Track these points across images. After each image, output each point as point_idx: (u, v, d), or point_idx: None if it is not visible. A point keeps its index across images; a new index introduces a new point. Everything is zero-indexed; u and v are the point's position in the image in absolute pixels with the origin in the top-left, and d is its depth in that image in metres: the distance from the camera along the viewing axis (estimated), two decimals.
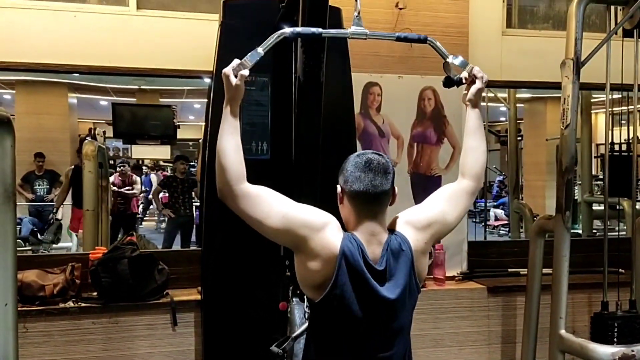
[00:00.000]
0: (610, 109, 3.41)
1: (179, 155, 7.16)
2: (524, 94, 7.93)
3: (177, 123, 7.73)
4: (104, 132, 6.66)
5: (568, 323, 3.17)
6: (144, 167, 12.23)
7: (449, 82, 1.73)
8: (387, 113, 3.59)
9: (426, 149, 3.66)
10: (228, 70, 1.49)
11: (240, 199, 1.44)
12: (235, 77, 1.48)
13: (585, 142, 5.16)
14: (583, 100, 4.94)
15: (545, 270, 3.34)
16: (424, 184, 3.62)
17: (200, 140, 5.23)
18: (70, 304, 2.95)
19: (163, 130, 7.11)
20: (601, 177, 5.80)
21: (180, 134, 8.14)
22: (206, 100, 3.37)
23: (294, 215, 1.45)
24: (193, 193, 6.45)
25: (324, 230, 1.43)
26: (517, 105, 6.16)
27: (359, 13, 1.73)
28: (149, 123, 7.03)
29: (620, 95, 3.86)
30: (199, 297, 3.08)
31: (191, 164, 8.04)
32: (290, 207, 1.47)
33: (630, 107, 3.50)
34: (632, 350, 2.87)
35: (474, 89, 1.67)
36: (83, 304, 2.96)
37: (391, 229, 1.53)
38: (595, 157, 6.24)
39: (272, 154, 2.98)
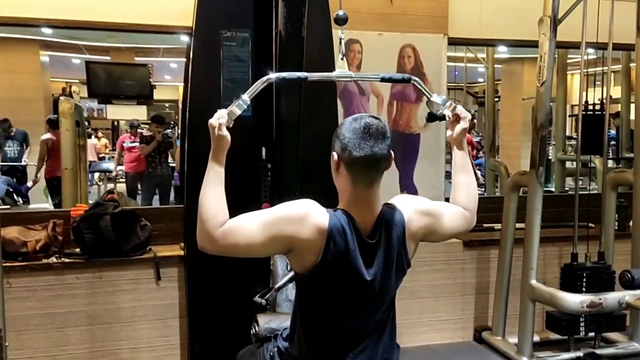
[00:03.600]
0: (585, 69, 3.47)
1: (155, 115, 7.07)
2: (502, 55, 7.96)
3: (154, 83, 7.60)
4: (79, 91, 6.52)
5: (539, 275, 3.31)
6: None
7: (432, 117, 1.72)
8: (367, 70, 3.60)
9: (405, 107, 3.70)
10: (214, 121, 1.43)
11: (220, 240, 1.37)
12: (221, 128, 1.43)
13: (560, 102, 5.25)
14: (559, 60, 5.01)
15: (518, 225, 3.46)
16: (403, 142, 3.67)
17: (180, 101, 5.17)
18: (54, 259, 2.97)
19: (139, 90, 6.98)
20: (574, 137, 5.92)
21: (157, 95, 8.01)
22: (184, 59, 3.32)
23: (273, 220, 1.39)
24: (169, 154, 6.42)
25: (308, 218, 1.39)
26: (495, 65, 6.21)
27: (343, 56, 1.72)
28: (125, 82, 6.89)
29: (595, 56, 3.93)
30: (181, 252, 3.12)
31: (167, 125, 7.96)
32: (266, 215, 1.41)
33: (604, 67, 3.57)
34: (600, 299, 3.03)
35: (458, 128, 1.62)
36: (66, 260, 2.98)
37: (388, 204, 1.51)
38: (569, 116, 6.35)
39: (253, 110, 2.98)
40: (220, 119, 1.44)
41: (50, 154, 5.90)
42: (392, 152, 1.44)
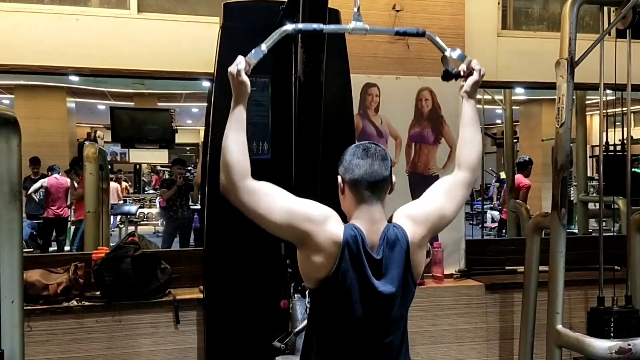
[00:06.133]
0: (604, 110, 3.46)
1: (176, 159, 7.20)
2: (519, 96, 8.01)
3: (175, 127, 7.76)
4: (103, 136, 6.69)
5: (564, 319, 3.22)
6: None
7: (447, 76, 1.77)
8: (385, 114, 3.65)
9: (424, 149, 3.71)
10: (233, 68, 1.50)
11: (244, 194, 1.45)
12: (241, 74, 1.50)
13: (580, 142, 5.22)
14: (578, 102, 5.00)
15: (541, 268, 3.38)
16: (422, 184, 3.66)
17: (200, 144, 5.27)
18: (74, 302, 2.98)
19: (161, 134, 7.15)
20: (596, 178, 5.86)
21: (178, 139, 8.18)
22: (205, 104, 3.41)
23: (296, 210, 1.46)
24: (190, 196, 6.49)
25: (326, 223, 1.45)
26: (513, 107, 6.23)
27: (358, 9, 1.76)
28: (147, 127, 7.07)
29: (614, 97, 3.93)
30: (201, 295, 3.11)
31: (188, 168, 8.07)
32: (292, 202, 1.48)
33: (624, 108, 3.56)
34: (629, 345, 2.92)
35: (470, 80, 1.70)
36: (86, 303, 2.99)
37: (390, 222, 1.56)
38: (590, 157, 6.30)
39: (273, 153, 3.02)
40: (238, 64, 1.50)
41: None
42: (393, 177, 1.53)
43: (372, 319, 1.48)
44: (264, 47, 1.59)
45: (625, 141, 3.66)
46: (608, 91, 3.62)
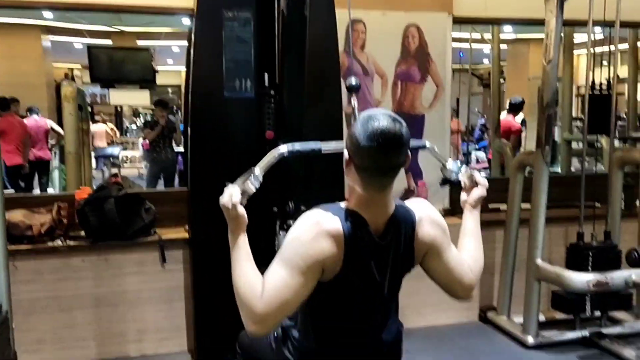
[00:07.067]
0: (592, 47, 3.43)
1: (158, 99, 7.04)
2: (508, 35, 7.90)
3: (156, 67, 7.55)
4: (81, 76, 6.52)
5: (544, 255, 3.30)
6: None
7: (446, 182, 1.70)
8: (371, 51, 3.56)
9: (410, 88, 3.66)
10: (227, 201, 1.34)
11: (267, 312, 1.27)
12: (237, 207, 1.35)
13: (567, 82, 5.19)
14: (566, 40, 4.95)
15: (524, 206, 3.44)
16: (408, 123, 3.61)
17: (183, 86, 5.15)
18: (59, 242, 2.98)
19: (141, 74, 6.95)
20: (580, 118, 5.87)
21: (159, 80, 7.98)
22: (187, 43, 3.28)
23: (294, 255, 1.30)
24: (174, 139, 6.41)
25: (321, 232, 1.30)
26: (501, 46, 6.15)
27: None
28: (127, 67, 6.87)
29: (602, 36, 3.88)
30: (186, 235, 3.12)
31: (171, 109, 7.94)
32: (286, 257, 1.30)
33: (611, 46, 3.53)
34: (606, 277, 3.02)
35: (476, 194, 1.57)
36: (71, 243, 2.99)
37: (402, 204, 1.44)
38: (575, 95, 6.30)
39: (256, 92, 2.96)
40: (233, 197, 1.35)
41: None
42: (409, 154, 1.34)
43: (370, 303, 1.44)
44: (257, 171, 1.44)
45: (611, 80, 3.65)
46: (597, 29, 3.58)
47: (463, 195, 1.60)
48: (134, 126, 13.57)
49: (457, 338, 3.43)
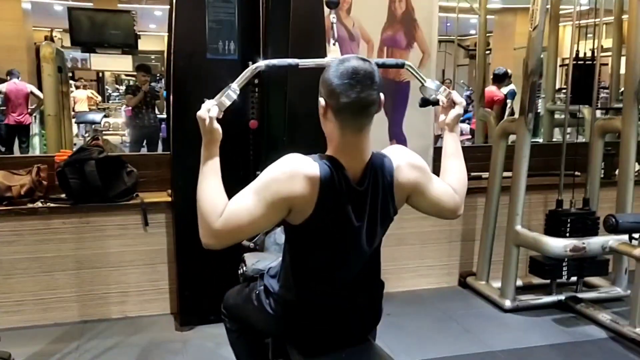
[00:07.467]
0: (577, 21, 3.43)
1: (140, 64, 6.90)
2: (495, 5, 7.86)
3: (138, 32, 7.41)
4: (61, 39, 6.38)
5: (524, 222, 3.35)
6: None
7: (426, 103, 1.68)
8: (357, 15, 3.52)
9: (396, 54, 3.63)
10: (204, 114, 1.37)
11: (224, 230, 1.32)
12: (213, 121, 1.37)
13: (552, 53, 5.18)
14: (552, 9, 4.92)
15: (505, 174, 3.47)
16: (393, 90, 3.63)
17: (166, 52, 5.06)
18: (39, 204, 2.95)
19: (123, 38, 6.86)
20: (564, 89, 5.89)
21: (142, 45, 7.84)
22: (169, 6, 3.20)
23: (264, 187, 1.33)
24: (156, 105, 6.33)
25: (297, 173, 1.33)
26: (488, 16, 6.11)
27: (335, 41, 1.69)
28: (108, 30, 6.76)
29: (587, 7, 3.87)
30: (169, 199, 3.11)
31: (154, 76, 7.80)
32: (256, 186, 1.34)
33: (596, 19, 3.53)
34: (583, 243, 3.08)
35: (452, 114, 1.60)
36: (52, 205, 2.96)
37: (380, 152, 1.46)
38: (560, 65, 6.31)
39: (240, 54, 2.92)
40: (210, 111, 1.38)
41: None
42: (381, 96, 1.37)
43: (350, 251, 1.45)
44: (235, 86, 1.43)
45: (595, 50, 3.66)
46: (582, 1, 3.57)
47: (441, 117, 1.64)
48: (116, 93, 13.36)
49: (437, 302, 3.50)
